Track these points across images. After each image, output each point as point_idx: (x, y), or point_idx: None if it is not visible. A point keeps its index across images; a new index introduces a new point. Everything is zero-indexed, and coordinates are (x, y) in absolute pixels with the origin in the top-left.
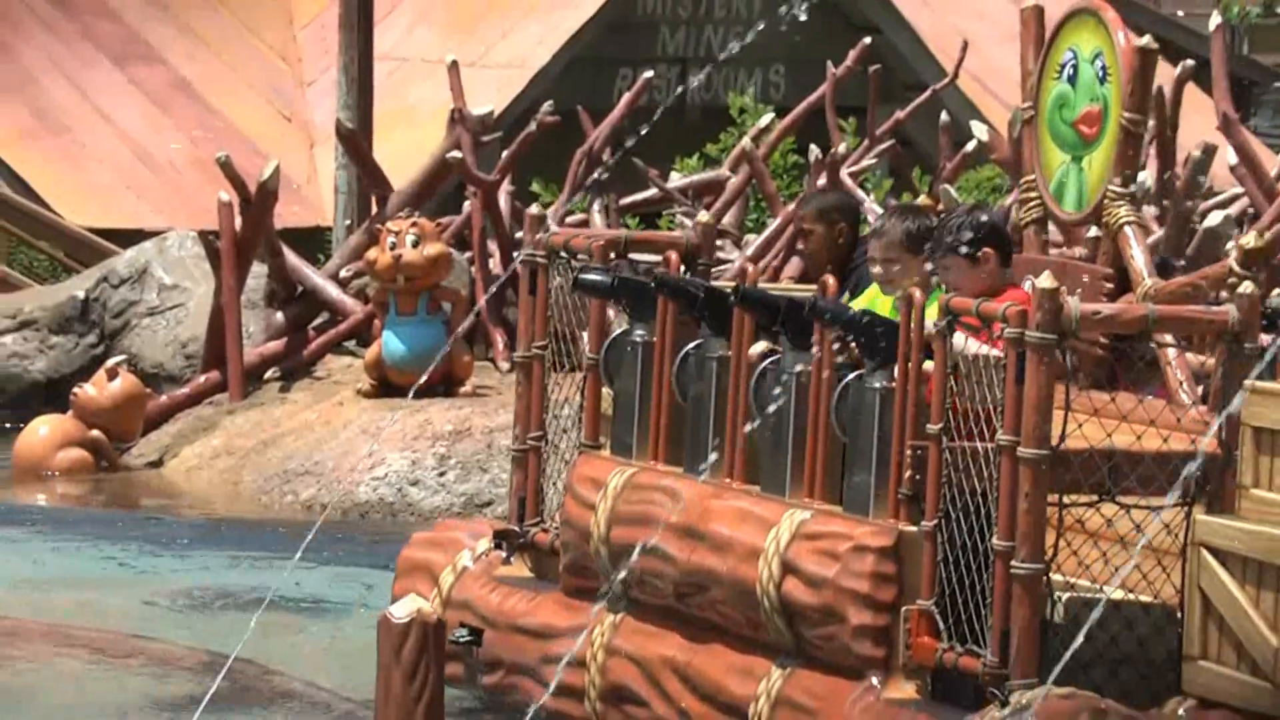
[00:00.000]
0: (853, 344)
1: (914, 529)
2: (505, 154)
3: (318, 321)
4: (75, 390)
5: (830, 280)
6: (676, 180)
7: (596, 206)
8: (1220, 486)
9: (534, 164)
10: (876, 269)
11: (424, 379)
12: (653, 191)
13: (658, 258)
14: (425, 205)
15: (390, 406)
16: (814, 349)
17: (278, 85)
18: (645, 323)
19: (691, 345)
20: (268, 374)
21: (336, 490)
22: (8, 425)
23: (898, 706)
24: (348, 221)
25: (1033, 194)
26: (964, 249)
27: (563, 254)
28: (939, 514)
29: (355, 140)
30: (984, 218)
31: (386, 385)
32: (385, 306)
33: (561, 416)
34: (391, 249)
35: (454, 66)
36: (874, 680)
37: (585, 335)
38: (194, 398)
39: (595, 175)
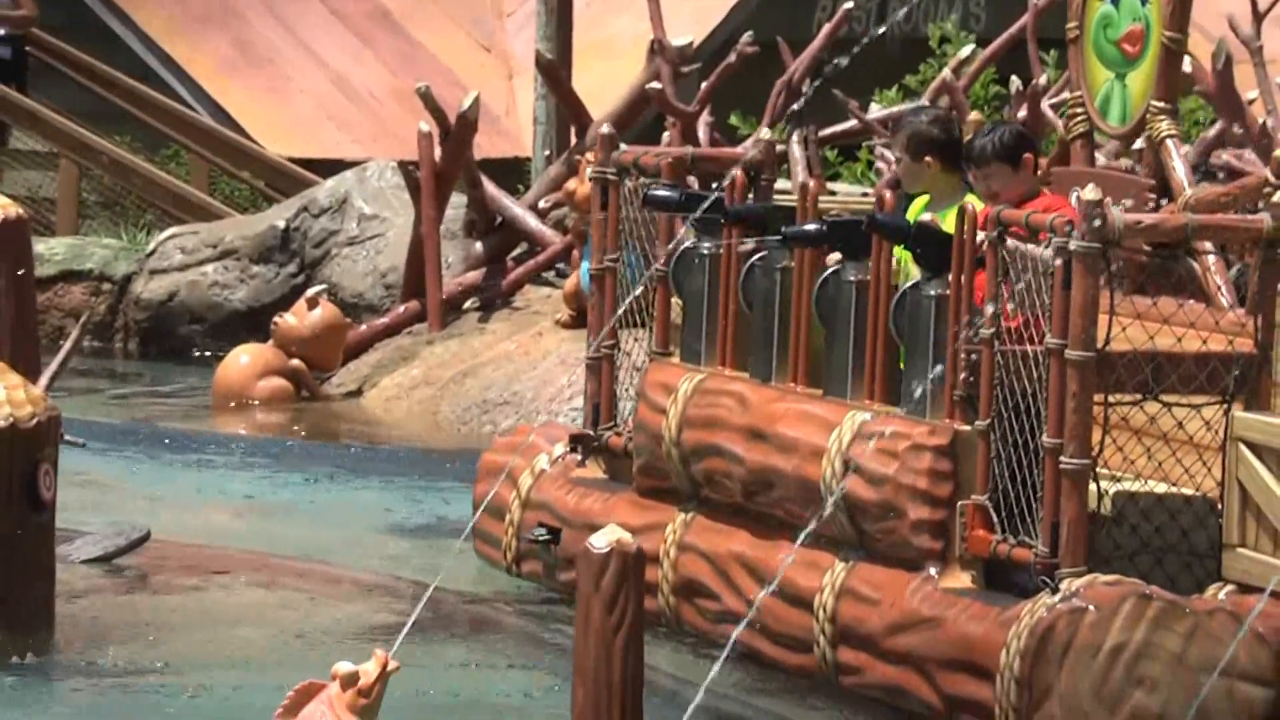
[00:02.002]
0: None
1: (968, 428)
2: (704, 85)
3: (516, 252)
4: (276, 319)
5: (888, 194)
6: (876, 112)
7: (795, 138)
8: (1257, 385)
9: (732, 95)
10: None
11: (621, 310)
12: (852, 123)
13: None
14: (623, 136)
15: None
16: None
17: (477, 16)
18: (712, 236)
19: (756, 256)
20: (467, 304)
21: (535, 420)
22: (209, 354)
23: (954, 595)
24: (547, 152)
25: (1079, 109)
26: (1007, 154)
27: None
28: (991, 414)
29: (554, 71)
30: (1019, 127)
31: (585, 315)
32: (584, 237)
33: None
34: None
35: None
36: (931, 571)
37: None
38: (393, 328)
39: (794, 107)
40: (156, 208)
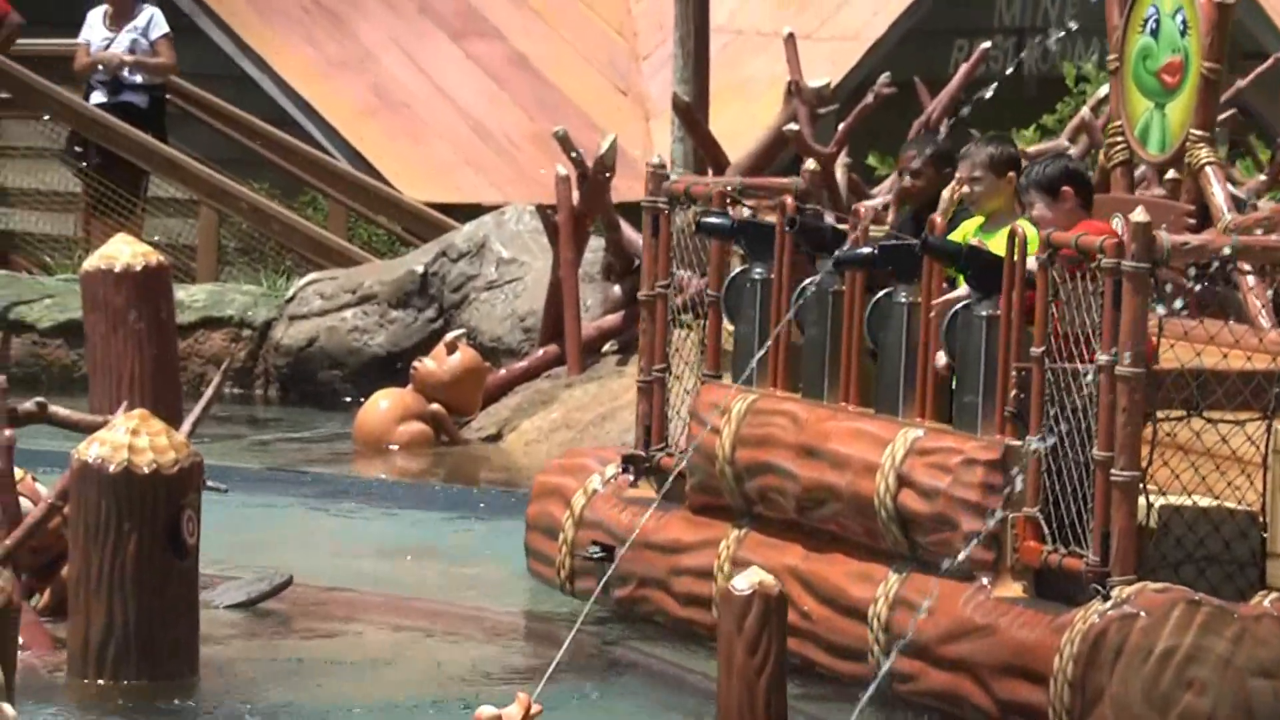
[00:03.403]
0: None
1: (1019, 443)
2: (841, 126)
3: None
4: (415, 364)
5: (938, 219)
6: None
7: None
8: None
9: (870, 136)
10: (964, 188)
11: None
12: None
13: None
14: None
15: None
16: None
17: (614, 59)
18: (763, 262)
19: (809, 280)
20: (605, 347)
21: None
22: (349, 399)
23: (1007, 604)
24: None
25: (1119, 138)
26: (1046, 184)
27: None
28: (1041, 429)
29: (691, 113)
30: (1068, 163)
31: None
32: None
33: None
34: None
35: (790, 39)
36: (984, 581)
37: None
38: (532, 371)
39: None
40: (295, 253)
